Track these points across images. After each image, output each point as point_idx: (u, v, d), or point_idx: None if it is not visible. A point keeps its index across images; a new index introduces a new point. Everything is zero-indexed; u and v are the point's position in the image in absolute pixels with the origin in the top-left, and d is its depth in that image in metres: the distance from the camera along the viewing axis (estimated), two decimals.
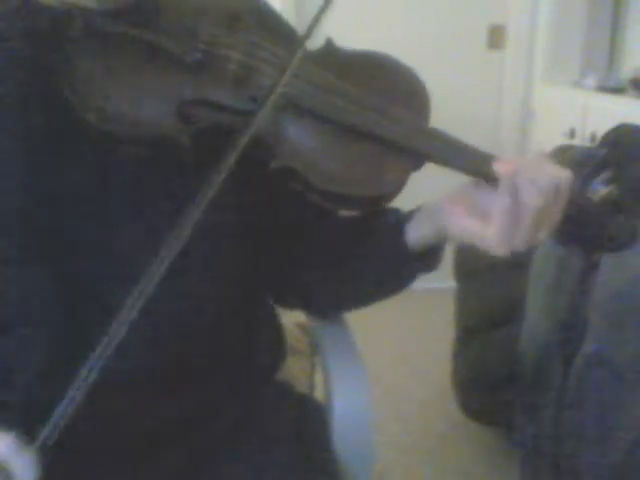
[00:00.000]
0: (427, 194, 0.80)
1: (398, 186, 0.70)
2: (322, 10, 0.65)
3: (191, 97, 0.65)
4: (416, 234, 0.73)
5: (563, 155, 1.43)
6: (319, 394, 0.93)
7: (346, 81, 0.70)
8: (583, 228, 0.69)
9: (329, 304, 0.87)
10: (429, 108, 0.73)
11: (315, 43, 0.73)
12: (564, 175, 0.65)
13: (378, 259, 0.76)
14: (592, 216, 0.68)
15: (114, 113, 0.63)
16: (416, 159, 0.70)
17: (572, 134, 2.41)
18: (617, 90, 2.47)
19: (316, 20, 0.65)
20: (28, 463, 0.53)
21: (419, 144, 0.69)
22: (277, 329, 0.89)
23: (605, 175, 0.68)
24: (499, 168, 0.65)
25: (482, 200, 0.67)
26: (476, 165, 0.68)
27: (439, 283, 1.93)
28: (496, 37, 2.84)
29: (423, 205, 0.75)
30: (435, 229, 0.71)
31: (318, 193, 0.68)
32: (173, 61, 0.64)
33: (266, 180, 0.68)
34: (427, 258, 0.75)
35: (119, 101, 0.63)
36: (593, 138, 2.22)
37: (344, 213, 0.79)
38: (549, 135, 2.60)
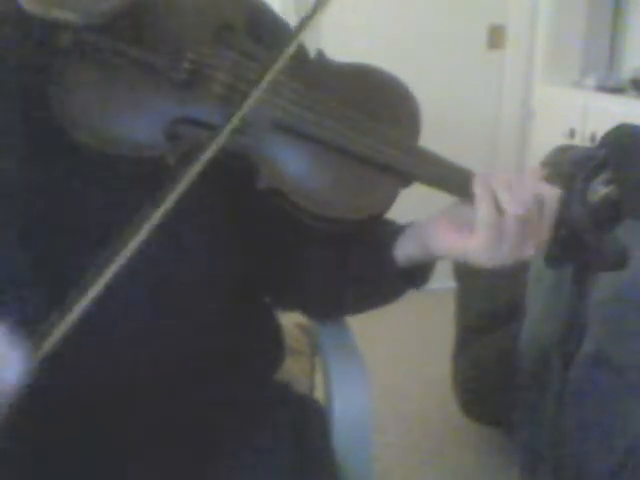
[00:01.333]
0: (416, 206, 0.80)
1: (385, 206, 0.70)
2: (305, 20, 0.64)
3: (177, 116, 0.65)
4: (404, 252, 0.73)
5: (563, 155, 1.43)
6: (319, 394, 0.93)
7: (334, 99, 0.69)
8: (573, 250, 0.69)
9: (326, 309, 0.87)
10: (419, 120, 0.72)
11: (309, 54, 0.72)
12: (548, 191, 0.65)
13: (369, 272, 0.76)
14: (582, 237, 0.68)
15: (97, 129, 0.63)
16: (404, 179, 0.69)
17: (572, 134, 2.41)
18: (617, 90, 2.47)
19: (300, 29, 0.64)
20: (20, 356, 0.51)
21: (407, 164, 0.69)
22: (276, 329, 0.89)
23: (605, 175, 0.67)
24: (475, 180, 0.65)
25: (467, 217, 0.67)
26: (462, 183, 0.68)
27: (439, 283, 1.92)
28: (496, 37, 2.84)
29: (410, 223, 0.74)
30: (421, 248, 0.72)
31: (304, 213, 0.68)
32: (159, 78, 0.64)
33: (257, 196, 0.68)
34: (415, 276, 0.75)
35: (103, 117, 0.63)
36: (593, 138, 2.22)
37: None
38: (549, 135, 2.60)
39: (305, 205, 0.67)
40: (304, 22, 0.64)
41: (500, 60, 2.87)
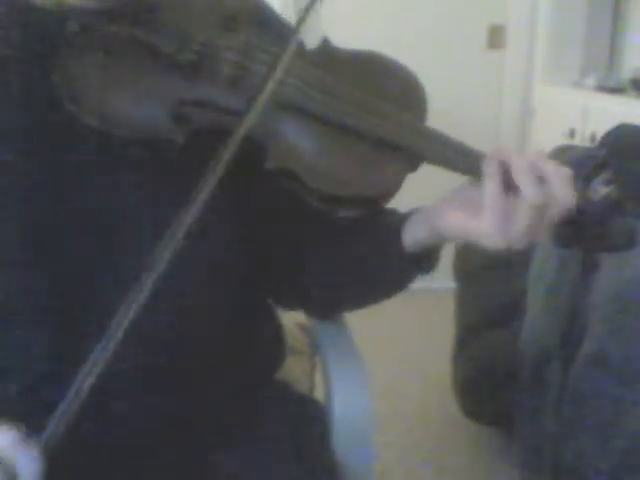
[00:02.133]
0: (424, 195, 0.80)
1: (394, 186, 0.70)
2: (313, 2, 0.65)
3: (186, 97, 0.65)
4: (412, 236, 0.73)
5: (563, 155, 1.43)
6: (319, 394, 0.93)
7: (342, 81, 0.69)
8: (581, 230, 0.69)
9: (328, 305, 0.87)
10: (426, 106, 0.73)
11: (312, 43, 0.73)
12: (563, 172, 0.64)
13: (375, 261, 0.76)
14: (591, 218, 0.68)
15: (108, 113, 0.63)
16: (412, 159, 0.70)
17: (572, 134, 2.41)
18: (617, 90, 2.47)
19: (306, 13, 0.65)
20: (31, 458, 0.52)
21: (416, 144, 0.69)
22: (277, 329, 0.89)
23: (605, 175, 0.67)
24: (488, 159, 0.65)
25: (477, 198, 0.67)
26: (471, 164, 0.68)
27: (439, 283, 1.92)
28: (496, 37, 2.84)
29: (419, 208, 0.74)
30: (430, 231, 0.71)
31: (313, 194, 0.68)
32: (167, 61, 0.64)
33: (263, 181, 0.68)
34: (424, 260, 0.75)
35: (113, 100, 0.63)
36: (593, 138, 2.22)
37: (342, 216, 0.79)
38: (549, 135, 2.60)
39: (314, 185, 0.67)
40: (308, 10, 0.65)
41: (500, 60, 2.87)
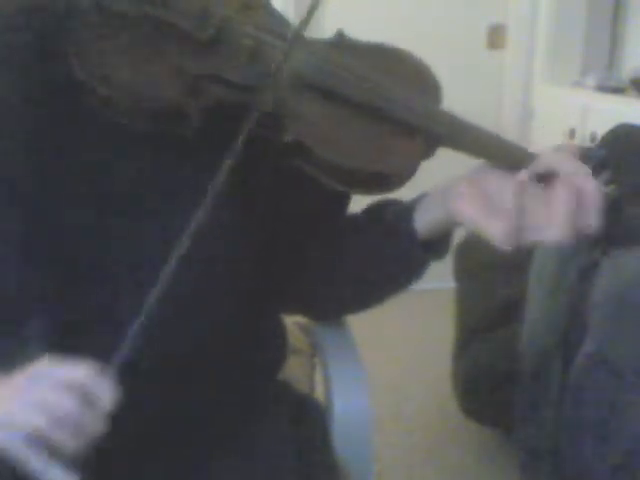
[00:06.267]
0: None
1: (409, 168, 0.69)
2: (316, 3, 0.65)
3: (203, 72, 0.65)
4: (424, 216, 0.72)
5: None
6: (319, 394, 0.93)
7: (361, 63, 0.70)
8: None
9: (331, 307, 0.87)
10: (441, 92, 0.74)
11: (324, 35, 0.73)
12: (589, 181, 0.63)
13: (386, 248, 0.75)
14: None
15: (126, 85, 0.63)
16: (429, 141, 0.69)
17: (572, 134, 2.41)
18: (617, 90, 2.47)
19: (309, 15, 0.65)
20: (108, 385, 0.57)
21: (433, 123, 0.69)
22: (280, 328, 0.89)
23: (605, 175, 0.67)
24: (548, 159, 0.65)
25: (494, 186, 0.66)
26: (505, 153, 0.68)
27: (439, 283, 1.92)
28: (496, 37, 2.84)
29: (434, 188, 0.73)
30: (444, 213, 0.70)
31: (326, 169, 0.67)
32: (186, 38, 0.65)
33: (270, 175, 0.68)
34: (436, 244, 0.74)
35: (131, 74, 0.63)
36: (593, 138, 2.22)
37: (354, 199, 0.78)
38: (549, 135, 2.60)
39: (328, 158, 0.67)
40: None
41: (500, 60, 2.87)
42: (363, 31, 0.75)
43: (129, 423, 0.71)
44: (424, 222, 0.72)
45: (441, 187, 0.72)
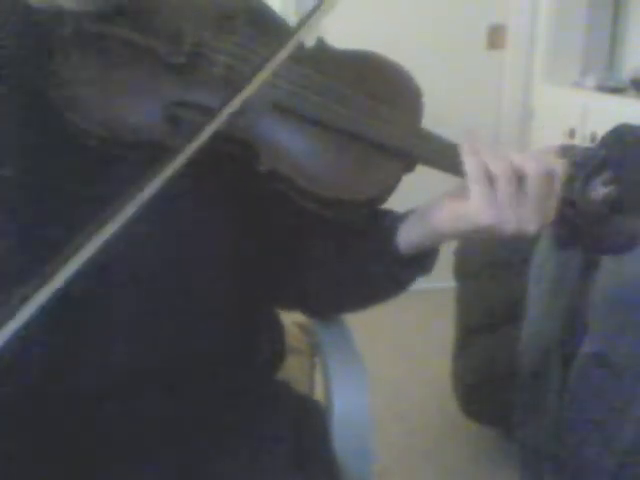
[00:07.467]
0: (421, 195, 0.79)
1: (389, 188, 0.69)
2: (311, 13, 0.65)
3: (178, 99, 0.65)
4: (407, 237, 0.72)
5: (563, 155, 1.42)
6: (319, 394, 0.93)
7: (336, 82, 0.69)
8: (581, 230, 0.69)
9: (326, 306, 0.87)
10: (421, 106, 0.72)
11: (310, 42, 0.72)
12: (546, 162, 0.65)
13: (371, 265, 0.75)
14: (590, 218, 0.68)
15: (100, 115, 0.63)
16: (407, 161, 0.69)
17: (572, 134, 2.41)
18: (617, 90, 2.47)
19: (304, 23, 0.64)
20: None
21: (407, 145, 0.68)
22: (277, 329, 0.89)
23: (605, 176, 0.67)
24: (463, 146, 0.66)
25: (464, 186, 0.66)
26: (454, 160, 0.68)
27: (439, 283, 1.92)
28: (496, 37, 2.84)
29: (412, 209, 0.74)
30: (425, 228, 0.71)
31: (306, 197, 0.67)
32: (160, 63, 0.64)
33: (259, 182, 0.68)
34: (420, 261, 0.74)
35: (107, 103, 0.64)
36: (593, 138, 2.22)
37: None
38: (549, 135, 2.60)
39: (308, 188, 0.66)
40: (309, 16, 0.64)
41: (500, 60, 2.87)
42: (363, 31, 0.75)
43: (129, 423, 0.71)
44: (407, 240, 0.72)
45: (419, 208, 0.72)
